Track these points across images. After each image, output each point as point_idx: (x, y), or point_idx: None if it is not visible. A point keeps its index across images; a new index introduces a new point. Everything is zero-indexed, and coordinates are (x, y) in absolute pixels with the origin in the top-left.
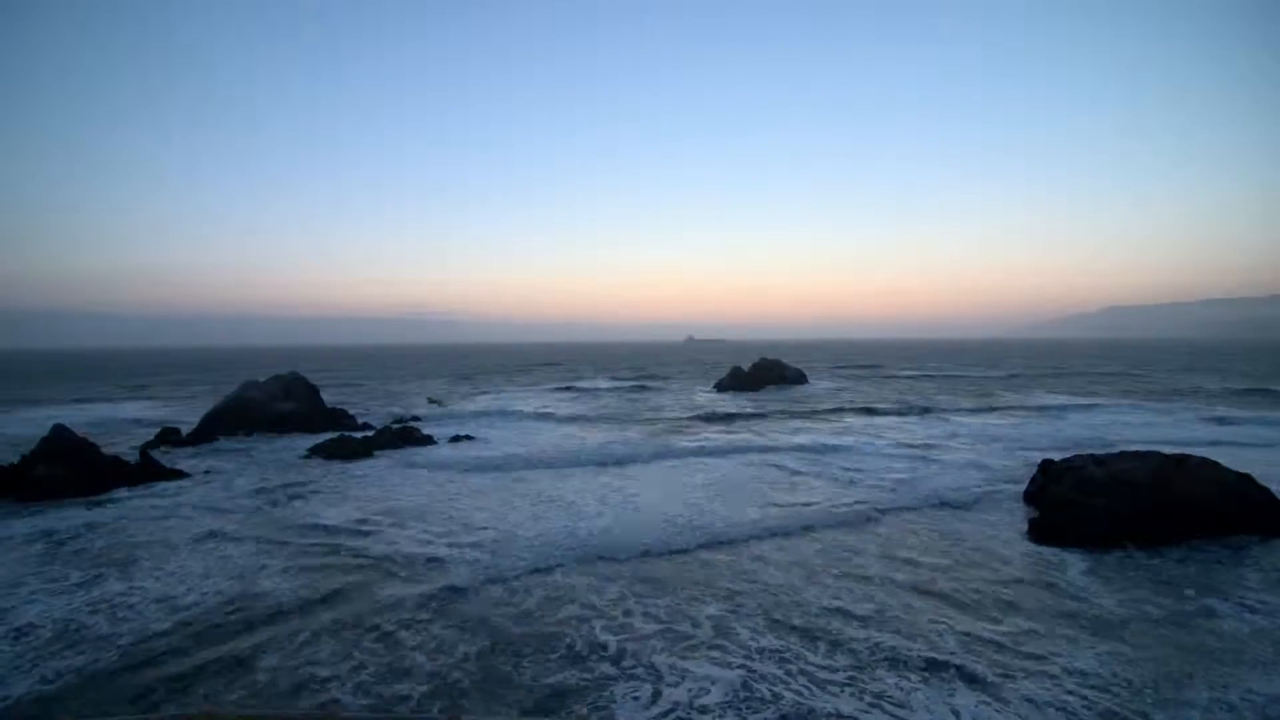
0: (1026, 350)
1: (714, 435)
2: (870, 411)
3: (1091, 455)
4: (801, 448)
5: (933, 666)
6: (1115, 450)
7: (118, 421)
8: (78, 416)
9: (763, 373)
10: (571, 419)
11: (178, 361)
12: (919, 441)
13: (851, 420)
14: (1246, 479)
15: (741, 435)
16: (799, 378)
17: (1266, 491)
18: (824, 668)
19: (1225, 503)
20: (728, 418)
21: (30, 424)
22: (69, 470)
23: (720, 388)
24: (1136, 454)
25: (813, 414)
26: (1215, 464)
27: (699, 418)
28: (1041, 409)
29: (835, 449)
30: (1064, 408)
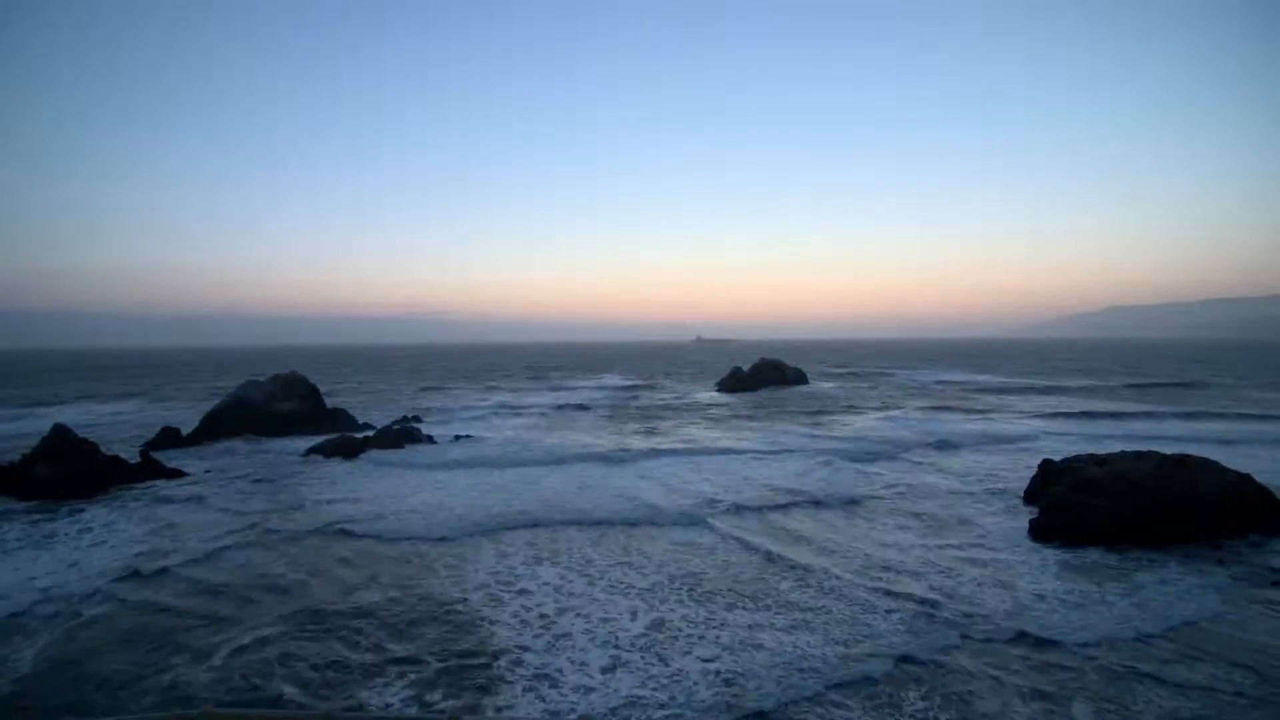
0: (1043, 350)
1: (694, 479)
2: (887, 441)
3: (1091, 455)
4: (791, 505)
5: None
6: None
7: (118, 421)
8: (78, 416)
9: (763, 373)
10: (534, 463)
11: (177, 361)
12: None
13: (850, 434)
14: (1246, 479)
15: (722, 475)
16: (799, 378)
17: (1266, 491)
18: None
19: (1226, 502)
20: (713, 449)
21: (30, 423)
22: (69, 470)
23: (721, 388)
24: (1137, 454)
25: (815, 447)
26: (1216, 464)
27: (672, 450)
28: None
29: (835, 503)
30: None
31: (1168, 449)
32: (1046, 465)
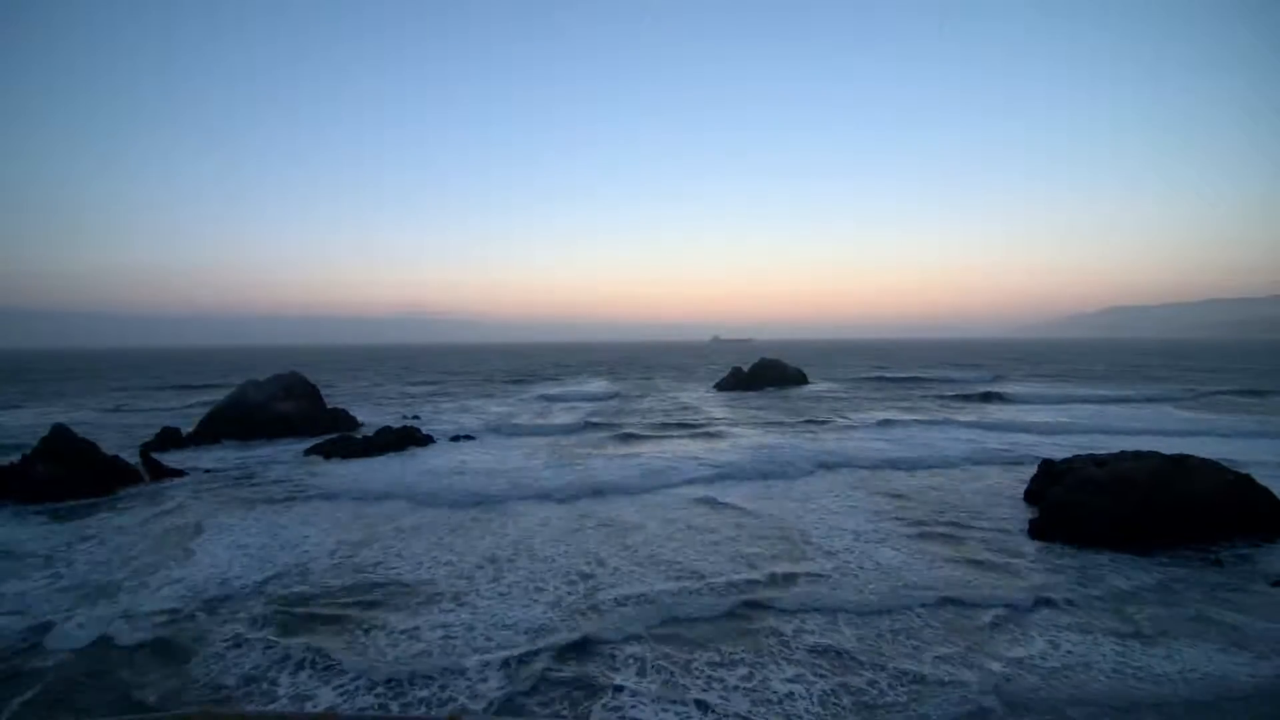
0: (1052, 350)
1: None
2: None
3: (1091, 456)
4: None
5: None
6: None
7: (118, 421)
8: (78, 416)
9: (762, 373)
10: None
11: (178, 361)
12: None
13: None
14: (1246, 480)
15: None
16: (799, 378)
17: (1267, 492)
18: None
19: (1226, 504)
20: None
21: (30, 423)
22: (69, 470)
23: (720, 388)
24: (1136, 454)
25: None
26: (1216, 465)
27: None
28: None
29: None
30: None
31: None
32: (1047, 465)
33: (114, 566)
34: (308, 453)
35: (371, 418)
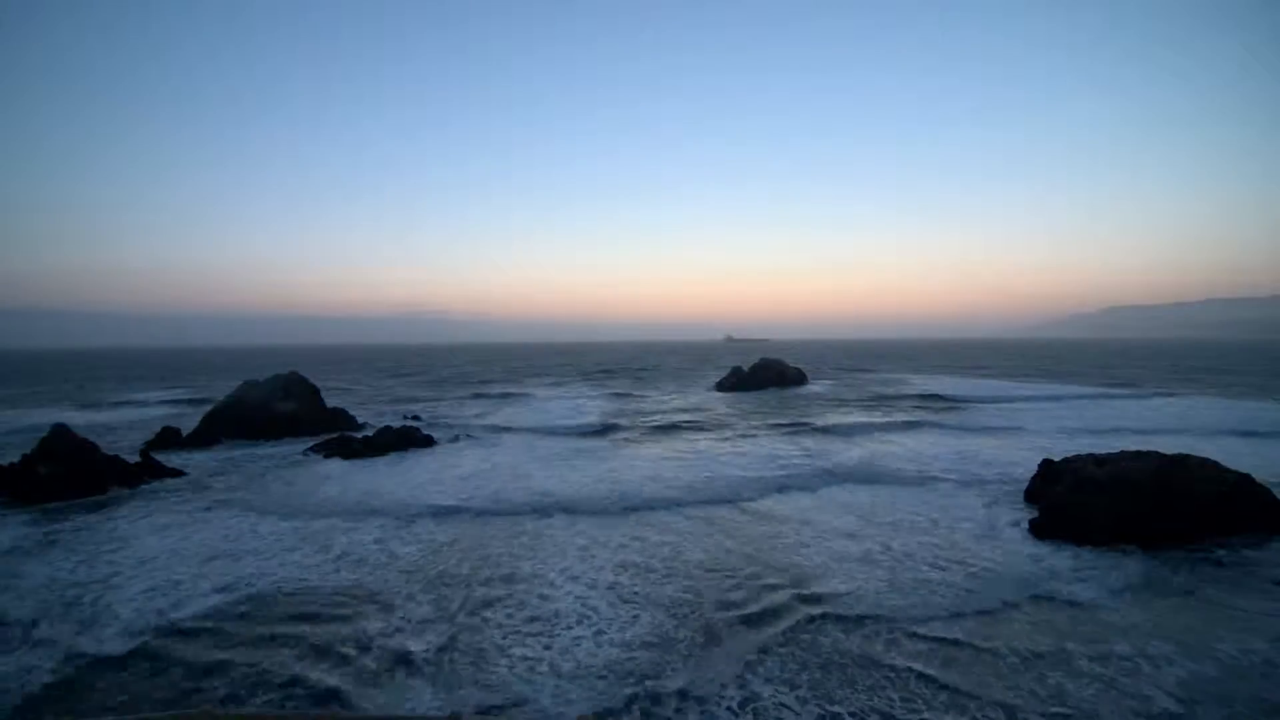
0: (1048, 350)
1: None
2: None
3: (1091, 455)
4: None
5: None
6: None
7: (118, 421)
8: (78, 416)
9: (763, 373)
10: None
11: (177, 361)
12: None
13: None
14: (1246, 478)
15: None
16: (799, 378)
17: (1266, 491)
18: None
19: (1225, 502)
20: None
21: (31, 423)
22: (69, 470)
23: (721, 388)
24: (1137, 453)
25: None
26: (1215, 464)
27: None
28: None
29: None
30: None
31: None
32: (1047, 465)
33: (108, 564)
34: (306, 453)
35: (371, 418)
